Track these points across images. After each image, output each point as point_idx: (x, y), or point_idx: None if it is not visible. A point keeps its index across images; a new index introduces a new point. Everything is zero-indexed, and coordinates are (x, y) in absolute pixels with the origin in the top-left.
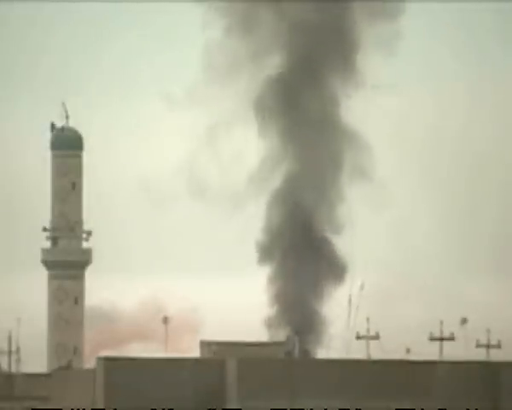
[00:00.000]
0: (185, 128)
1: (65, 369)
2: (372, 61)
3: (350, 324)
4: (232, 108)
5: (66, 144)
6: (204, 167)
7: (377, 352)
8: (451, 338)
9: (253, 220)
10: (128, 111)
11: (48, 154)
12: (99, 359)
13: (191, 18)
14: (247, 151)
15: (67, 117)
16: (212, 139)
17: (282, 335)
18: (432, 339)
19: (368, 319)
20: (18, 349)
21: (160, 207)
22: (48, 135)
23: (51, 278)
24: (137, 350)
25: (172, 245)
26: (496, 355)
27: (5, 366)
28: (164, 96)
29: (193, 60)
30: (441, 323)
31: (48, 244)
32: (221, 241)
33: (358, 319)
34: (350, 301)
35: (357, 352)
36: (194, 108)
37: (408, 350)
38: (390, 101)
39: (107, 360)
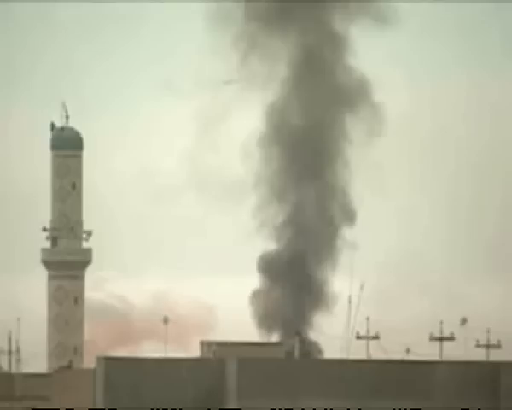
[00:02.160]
0: (185, 125)
1: (65, 369)
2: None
3: (350, 324)
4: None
5: (67, 144)
6: (204, 161)
7: (377, 352)
8: (451, 338)
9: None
10: (128, 111)
11: (48, 154)
12: (99, 359)
13: (188, 15)
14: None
15: (67, 117)
16: (212, 132)
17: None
18: (432, 339)
19: (368, 319)
20: (18, 349)
21: (160, 207)
22: (48, 135)
23: (51, 278)
24: (147, 350)
25: (173, 244)
26: (496, 355)
27: (5, 366)
28: (162, 89)
29: (191, 57)
30: (441, 323)
31: (48, 244)
32: (223, 239)
33: (358, 319)
34: (350, 301)
35: (357, 352)
36: (193, 103)
37: (408, 350)
38: (389, 99)
39: (107, 360)
